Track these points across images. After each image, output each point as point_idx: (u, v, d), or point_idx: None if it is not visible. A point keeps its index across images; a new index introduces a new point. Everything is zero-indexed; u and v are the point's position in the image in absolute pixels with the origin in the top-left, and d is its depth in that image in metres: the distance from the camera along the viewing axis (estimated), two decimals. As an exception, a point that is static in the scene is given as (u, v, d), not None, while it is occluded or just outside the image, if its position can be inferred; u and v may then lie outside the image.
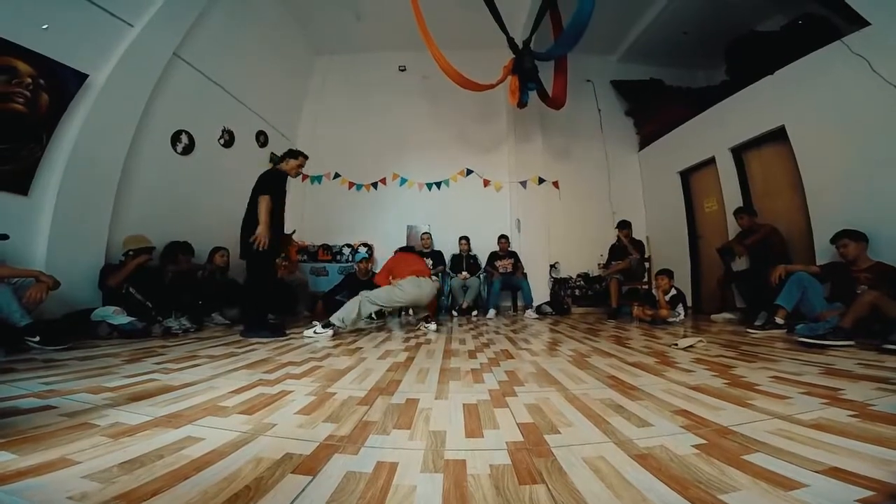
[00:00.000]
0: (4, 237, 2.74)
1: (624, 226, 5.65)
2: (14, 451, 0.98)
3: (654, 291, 4.56)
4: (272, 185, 3.41)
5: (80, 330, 3.08)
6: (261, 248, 3.20)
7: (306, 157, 3.73)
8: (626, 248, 5.51)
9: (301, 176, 6.94)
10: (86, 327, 3.14)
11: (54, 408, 1.34)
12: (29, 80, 3.09)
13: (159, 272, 3.90)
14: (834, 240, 3.32)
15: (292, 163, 3.64)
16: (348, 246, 6.57)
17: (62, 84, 3.31)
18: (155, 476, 0.87)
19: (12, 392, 1.52)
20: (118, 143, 3.80)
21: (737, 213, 4.61)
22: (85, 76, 3.44)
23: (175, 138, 4.56)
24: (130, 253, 3.60)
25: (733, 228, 4.88)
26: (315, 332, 3.29)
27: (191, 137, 4.72)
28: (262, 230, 3.21)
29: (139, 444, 1.05)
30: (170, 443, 1.06)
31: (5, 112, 3.00)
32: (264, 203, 3.28)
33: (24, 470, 0.89)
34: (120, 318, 3.19)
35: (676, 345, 2.70)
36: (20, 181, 3.15)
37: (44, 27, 3.12)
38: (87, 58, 3.46)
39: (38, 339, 2.52)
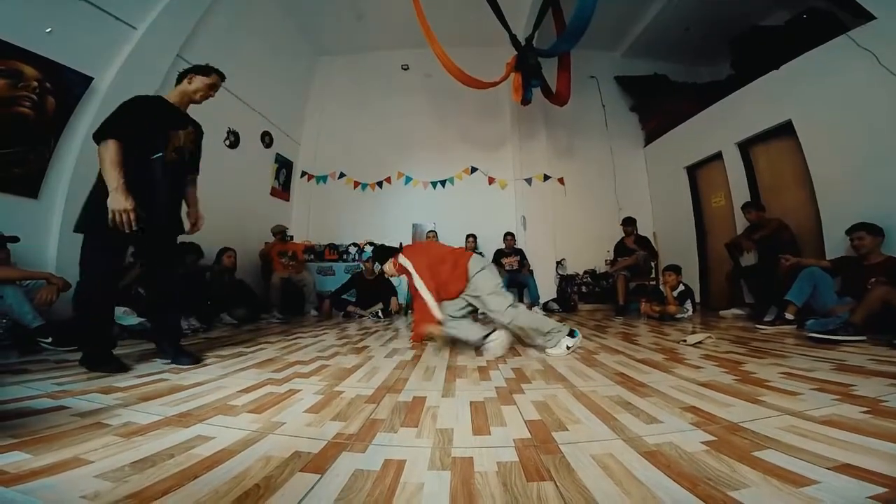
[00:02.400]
0: (15, 239, 2.77)
1: (628, 223, 5.61)
2: (28, 451, 0.99)
3: (661, 287, 4.53)
4: (119, 119, 2.03)
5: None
6: (121, 226, 1.95)
7: (223, 77, 2.42)
8: (629, 248, 5.47)
9: (307, 176, 7.07)
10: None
11: (67, 408, 1.36)
12: (35, 83, 3.11)
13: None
14: (850, 231, 3.27)
15: (199, 81, 2.32)
16: (354, 245, 6.58)
17: (68, 87, 3.33)
18: (166, 475, 0.88)
19: (26, 393, 1.54)
20: (125, 145, 3.82)
21: (745, 207, 4.57)
22: (90, 79, 3.47)
23: (181, 140, 4.57)
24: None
25: (741, 223, 4.84)
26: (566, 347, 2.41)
27: (196, 139, 4.74)
28: (112, 198, 1.92)
29: (150, 444, 1.06)
30: (180, 442, 1.07)
31: (13, 116, 3.02)
32: (105, 153, 1.95)
33: (37, 469, 0.90)
34: (130, 318, 3.22)
35: (685, 341, 2.68)
36: (29, 184, 3.18)
37: (47, 30, 3.15)
38: (92, 61, 3.49)
39: (50, 340, 2.55)
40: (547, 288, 6.17)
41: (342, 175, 7.08)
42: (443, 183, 6.97)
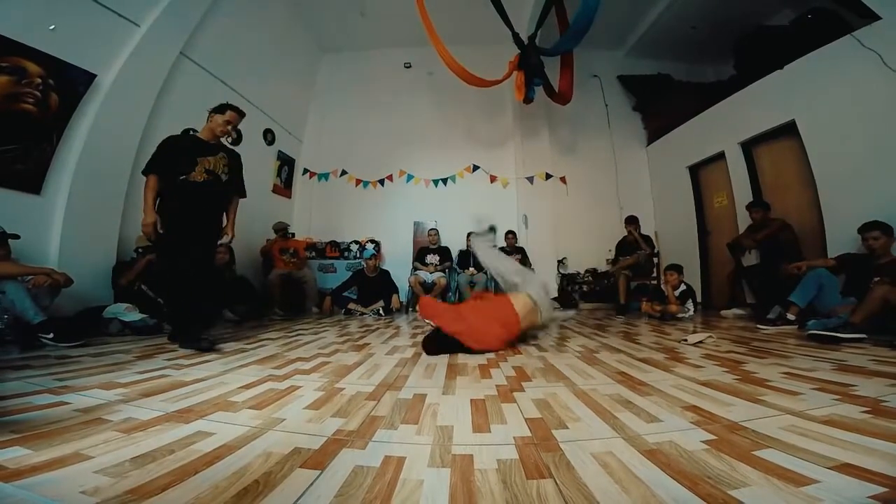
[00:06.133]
0: (15, 236, 2.77)
1: (631, 221, 5.61)
2: (28, 447, 0.99)
3: (663, 287, 4.53)
4: (157, 158, 2.68)
5: (92, 327, 3.12)
6: (150, 238, 2.67)
7: (239, 113, 2.86)
8: (636, 243, 5.48)
9: (309, 174, 7.07)
10: (98, 324, 3.18)
11: (68, 403, 1.36)
12: (38, 80, 3.12)
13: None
14: (863, 230, 3.21)
15: (217, 119, 2.80)
16: (356, 243, 6.59)
17: (71, 84, 3.34)
18: (166, 470, 0.88)
19: (27, 388, 1.55)
20: (127, 141, 3.83)
21: (750, 206, 4.55)
22: (93, 76, 3.47)
23: (183, 137, 4.58)
24: (139, 251, 3.64)
25: (743, 223, 4.83)
26: None
27: (198, 136, 4.74)
28: (143, 219, 2.60)
29: (151, 439, 1.06)
30: (181, 438, 1.07)
31: (17, 112, 3.03)
32: (146, 185, 2.63)
33: (37, 465, 0.90)
34: (131, 315, 3.23)
35: (686, 340, 2.68)
36: (33, 180, 3.19)
37: (51, 28, 3.15)
38: (95, 58, 3.49)
39: (51, 335, 2.56)
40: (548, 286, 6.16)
41: (344, 172, 7.08)
42: (444, 181, 6.97)
